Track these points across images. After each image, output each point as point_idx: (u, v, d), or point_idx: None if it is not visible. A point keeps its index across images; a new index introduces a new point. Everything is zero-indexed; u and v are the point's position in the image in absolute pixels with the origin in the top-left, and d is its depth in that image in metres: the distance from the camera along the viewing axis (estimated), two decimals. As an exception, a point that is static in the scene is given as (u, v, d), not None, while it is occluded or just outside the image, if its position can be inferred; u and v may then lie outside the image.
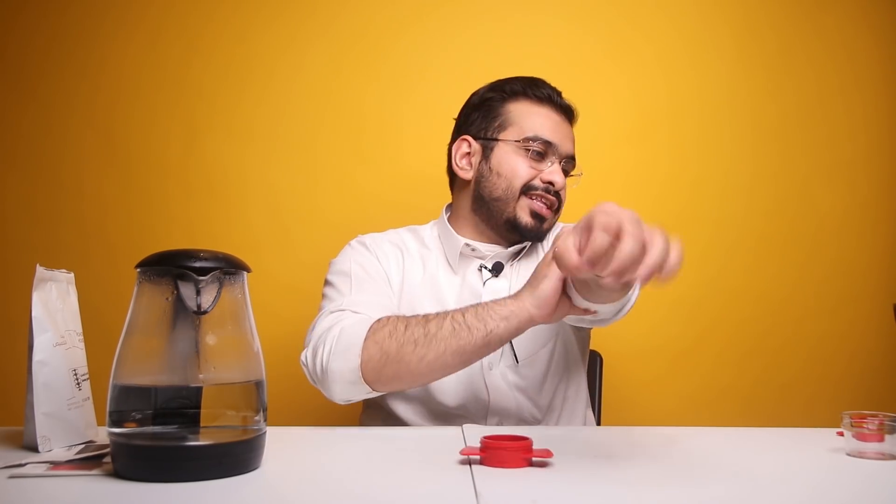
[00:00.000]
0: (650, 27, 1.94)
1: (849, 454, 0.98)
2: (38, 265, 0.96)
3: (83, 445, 0.96)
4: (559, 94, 1.41)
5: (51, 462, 0.87)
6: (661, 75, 1.94)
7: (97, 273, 1.76)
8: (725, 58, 1.95)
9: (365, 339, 1.14)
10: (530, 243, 1.41)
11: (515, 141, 1.36)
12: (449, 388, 1.32)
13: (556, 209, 1.38)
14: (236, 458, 0.83)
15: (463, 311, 1.13)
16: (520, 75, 1.43)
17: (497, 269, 1.37)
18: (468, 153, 1.42)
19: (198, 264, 0.82)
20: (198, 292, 0.82)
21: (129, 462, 0.80)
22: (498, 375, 1.34)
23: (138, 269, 0.85)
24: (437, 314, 1.14)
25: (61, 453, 0.91)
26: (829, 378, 1.93)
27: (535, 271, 1.09)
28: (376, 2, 1.92)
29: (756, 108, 1.95)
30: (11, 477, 0.81)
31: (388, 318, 1.17)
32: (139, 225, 1.87)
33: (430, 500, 0.79)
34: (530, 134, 1.36)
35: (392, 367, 1.13)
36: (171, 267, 0.83)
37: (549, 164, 1.36)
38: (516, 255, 1.41)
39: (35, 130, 1.89)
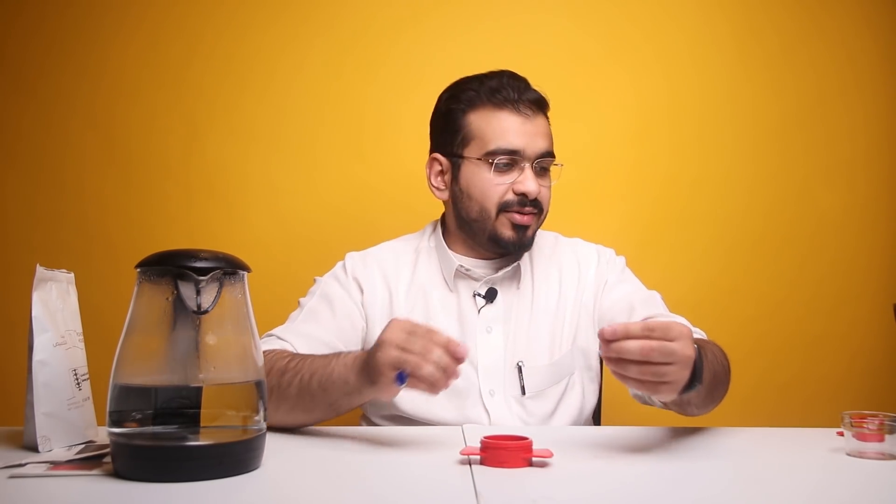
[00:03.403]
0: (651, 26, 1.94)
1: (849, 454, 0.98)
2: (38, 265, 0.96)
3: (83, 445, 0.96)
4: (522, 89, 1.31)
5: (51, 462, 0.87)
6: (662, 75, 1.93)
7: (97, 273, 1.76)
8: (726, 57, 1.95)
9: None
10: (517, 263, 1.35)
11: (478, 158, 1.29)
12: (444, 412, 1.27)
13: (538, 213, 1.31)
14: (236, 458, 0.83)
15: (313, 371, 1.08)
16: (479, 74, 1.35)
17: (491, 296, 1.32)
18: (441, 171, 1.37)
19: (198, 264, 0.82)
20: (198, 292, 0.82)
21: (129, 462, 0.81)
22: (501, 401, 1.30)
23: (138, 269, 0.85)
24: (298, 363, 1.11)
25: (61, 453, 0.91)
26: (829, 378, 1.92)
27: (369, 355, 1.01)
28: (376, 2, 1.92)
29: (756, 108, 1.95)
30: (11, 477, 0.81)
31: (271, 353, 1.15)
32: (139, 225, 1.86)
33: (430, 500, 0.79)
34: (493, 147, 1.28)
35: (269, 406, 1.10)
36: (171, 267, 0.83)
37: (519, 172, 1.29)
38: (511, 272, 1.36)
39: (35, 130, 1.88)
